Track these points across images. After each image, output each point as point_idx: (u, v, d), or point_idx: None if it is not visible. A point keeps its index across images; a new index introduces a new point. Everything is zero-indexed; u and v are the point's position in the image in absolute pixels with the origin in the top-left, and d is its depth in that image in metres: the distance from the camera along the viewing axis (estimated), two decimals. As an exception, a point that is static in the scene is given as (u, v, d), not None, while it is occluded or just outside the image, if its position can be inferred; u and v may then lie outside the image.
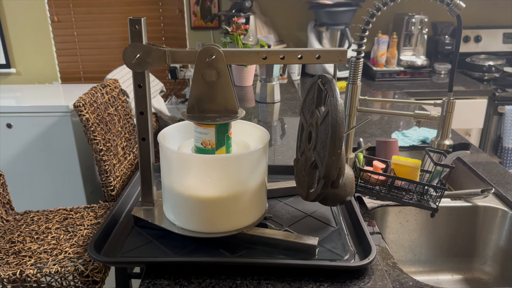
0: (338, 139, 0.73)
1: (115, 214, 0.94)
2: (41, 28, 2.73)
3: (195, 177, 0.83)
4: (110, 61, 2.82)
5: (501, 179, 1.27)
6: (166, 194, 0.88)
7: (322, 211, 0.99)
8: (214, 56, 0.79)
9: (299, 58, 0.81)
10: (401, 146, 1.49)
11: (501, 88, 2.44)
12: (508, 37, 2.78)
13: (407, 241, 1.22)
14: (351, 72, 1.13)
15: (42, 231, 1.39)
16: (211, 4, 2.73)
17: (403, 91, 2.39)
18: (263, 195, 0.90)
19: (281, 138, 1.50)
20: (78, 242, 1.32)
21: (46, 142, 2.25)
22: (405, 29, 2.59)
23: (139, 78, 0.83)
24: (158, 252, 0.83)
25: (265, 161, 0.88)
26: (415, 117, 1.11)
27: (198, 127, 0.83)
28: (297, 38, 2.86)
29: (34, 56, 2.80)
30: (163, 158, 0.85)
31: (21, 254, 1.27)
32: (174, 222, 0.87)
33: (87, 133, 1.50)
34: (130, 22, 0.79)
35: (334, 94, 0.75)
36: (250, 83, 2.17)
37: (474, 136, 2.51)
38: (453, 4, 0.97)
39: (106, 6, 2.73)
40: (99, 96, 1.61)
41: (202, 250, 0.83)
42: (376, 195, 1.07)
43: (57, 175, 2.30)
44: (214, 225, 0.84)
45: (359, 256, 0.82)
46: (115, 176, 1.60)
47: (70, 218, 1.47)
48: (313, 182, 0.85)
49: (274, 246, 0.84)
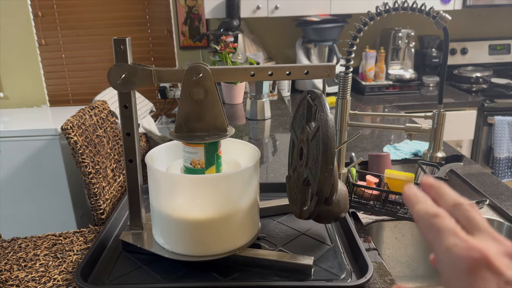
0: (330, 155, 0.71)
1: (103, 239, 0.91)
2: (29, 51, 2.72)
3: (185, 198, 0.81)
4: (99, 83, 2.81)
5: (495, 190, 1.26)
6: (155, 217, 0.85)
7: (316, 228, 0.96)
8: (201, 74, 0.77)
9: (288, 74, 0.80)
10: (393, 159, 1.48)
11: (490, 99, 2.46)
12: (494, 49, 2.82)
13: (404, 256, 1.20)
14: (340, 87, 1.13)
15: (30, 258, 1.34)
16: (199, 23, 2.74)
17: (392, 104, 2.39)
18: (255, 214, 0.88)
19: (273, 154, 1.48)
20: (68, 269, 1.28)
21: (34, 166, 2.21)
22: (392, 43, 2.62)
23: (125, 98, 0.81)
24: (148, 278, 0.80)
25: (257, 179, 0.86)
26: (406, 130, 1.10)
27: (186, 147, 0.81)
28: (285, 55, 2.88)
29: (22, 80, 2.78)
30: (151, 179, 0.83)
31: (8, 283, 1.22)
32: (164, 246, 0.84)
33: (75, 156, 1.47)
34: (114, 42, 0.77)
35: (324, 109, 0.74)
36: (240, 100, 2.16)
37: (465, 148, 2.51)
38: (439, 17, 0.97)
39: (94, 28, 2.73)
40: (87, 118, 1.59)
41: (193, 275, 0.80)
42: (371, 210, 1.06)
43: (46, 200, 2.25)
44: (206, 248, 0.81)
45: (356, 275, 0.79)
46: (105, 199, 1.56)
47: (59, 243, 1.43)
48: (306, 199, 0.83)
49: (269, 268, 0.81)
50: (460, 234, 0.28)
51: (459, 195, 0.32)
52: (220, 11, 2.40)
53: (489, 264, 0.26)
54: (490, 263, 0.26)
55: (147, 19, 2.75)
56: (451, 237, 0.28)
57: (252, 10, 2.38)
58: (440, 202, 0.32)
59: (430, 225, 0.29)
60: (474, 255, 0.27)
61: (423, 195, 0.32)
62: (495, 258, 0.26)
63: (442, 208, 0.31)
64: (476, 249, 0.27)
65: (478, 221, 0.30)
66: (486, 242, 0.28)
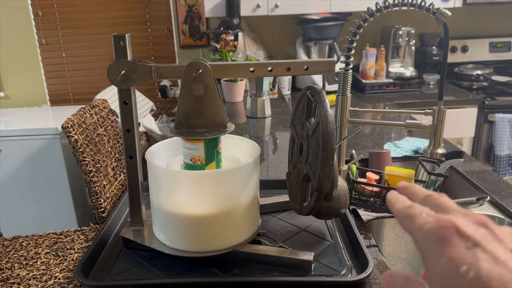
0: (330, 150, 0.71)
1: (104, 236, 0.92)
2: (29, 51, 2.72)
3: (185, 194, 0.81)
4: (99, 82, 2.81)
5: (496, 187, 1.26)
6: (155, 213, 0.85)
7: (317, 225, 0.96)
8: (201, 70, 0.77)
9: (287, 70, 0.80)
10: (394, 156, 1.48)
11: (490, 97, 2.46)
12: (495, 46, 2.82)
13: (405, 253, 1.20)
14: (340, 83, 1.13)
15: (31, 256, 1.35)
16: (199, 22, 2.74)
17: (393, 102, 2.39)
18: (255, 210, 0.88)
19: (273, 152, 1.48)
20: (69, 267, 1.28)
21: (35, 165, 2.21)
22: (393, 41, 2.62)
23: (125, 95, 0.81)
24: (148, 274, 0.80)
25: (257, 175, 0.86)
26: (406, 127, 1.10)
27: (186, 143, 0.81)
28: (286, 53, 2.88)
29: (22, 79, 2.78)
30: (151, 176, 0.83)
31: (9, 281, 1.22)
32: (164, 242, 0.84)
33: (76, 155, 1.47)
34: (114, 39, 0.78)
35: (323, 105, 0.74)
36: (241, 98, 2.16)
37: (466, 145, 2.51)
38: (439, 13, 0.97)
39: (94, 27, 2.73)
40: (87, 117, 1.59)
41: (194, 270, 0.80)
42: (371, 207, 1.06)
43: (47, 199, 2.26)
44: (206, 244, 0.81)
45: (356, 271, 0.79)
46: (106, 198, 1.56)
47: (60, 242, 1.43)
48: (306, 195, 0.83)
49: (269, 263, 0.81)
50: (431, 213, 0.31)
51: (429, 190, 0.35)
52: (220, 9, 2.40)
53: (457, 230, 0.28)
54: (458, 228, 0.28)
55: (147, 18, 2.75)
56: (424, 217, 0.31)
57: (252, 9, 2.38)
58: (414, 198, 0.35)
59: (406, 215, 0.32)
60: (443, 224, 0.29)
61: (402, 196, 0.35)
62: (463, 225, 0.28)
63: (416, 202, 0.34)
64: (444, 220, 0.29)
65: (448, 205, 0.32)
66: (455, 215, 0.30)
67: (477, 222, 0.29)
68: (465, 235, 0.28)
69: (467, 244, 0.27)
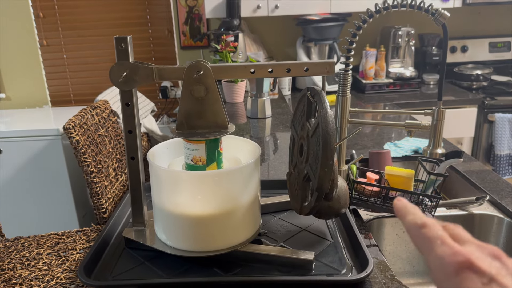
0: (330, 150, 0.72)
1: (106, 236, 0.92)
2: (30, 52, 2.73)
3: (186, 195, 0.82)
4: (100, 83, 2.82)
5: (495, 186, 1.27)
6: (157, 213, 0.86)
7: (317, 224, 0.97)
8: (202, 71, 0.78)
9: (287, 71, 0.81)
10: (394, 156, 1.48)
11: (490, 96, 2.46)
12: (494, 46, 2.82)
13: (405, 252, 1.20)
14: (340, 84, 1.13)
15: (33, 257, 1.35)
16: (200, 23, 2.75)
17: (393, 102, 2.40)
18: (256, 210, 0.89)
19: (274, 153, 1.49)
20: (70, 267, 1.28)
21: (37, 166, 2.22)
22: (392, 41, 2.62)
23: (127, 96, 0.82)
24: (150, 274, 0.80)
25: (257, 176, 0.86)
26: (406, 127, 1.11)
27: (188, 144, 0.82)
28: (286, 54, 2.88)
29: (23, 81, 2.79)
30: (153, 176, 0.83)
31: (12, 282, 1.23)
32: (166, 242, 0.85)
33: (77, 155, 1.48)
34: (116, 41, 0.78)
35: (323, 106, 0.75)
36: (241, 99, 2.17)
37: (466, 145, 2.52)
38: (437, 14, 0.98)
39: (95, 28, 2.74)
40: (89, 118, 1.60)
41: (195, 270, 0.81)
42: (371, 207, 1.06)
43: (49, 199, 2.26)
44: (207, 244, 0.82)
45: (357, 270, 0.80)
46: (107, 198, 1.57)
47: (62, 242, 1.44)
48: (306, 195, 0.84)
49: (270, 263, 0.82)
50: (448, 241, 0.31)
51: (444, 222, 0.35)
52: (220, 10, 2.41)
53: (472, 266, 0.29)
54: (473, 264, 0.29)
55: (147, 19, 2.76)
56: (440, 246, 0.31)
57: (252, 10, 2.39)
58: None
59: (420, 234, 0.33)
60: (459, 259, 0.30)
61: (412, 206, 0.35)
62: (477, 260, 0.29)
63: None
64: (460, 254, 0.30)
65: (463, 235, 0.33)
66: (470, 248, 0.31)
67: (491, 254, 0.30)
68: (480, 270, 0.29)
69: (483, 279, 0.28)
